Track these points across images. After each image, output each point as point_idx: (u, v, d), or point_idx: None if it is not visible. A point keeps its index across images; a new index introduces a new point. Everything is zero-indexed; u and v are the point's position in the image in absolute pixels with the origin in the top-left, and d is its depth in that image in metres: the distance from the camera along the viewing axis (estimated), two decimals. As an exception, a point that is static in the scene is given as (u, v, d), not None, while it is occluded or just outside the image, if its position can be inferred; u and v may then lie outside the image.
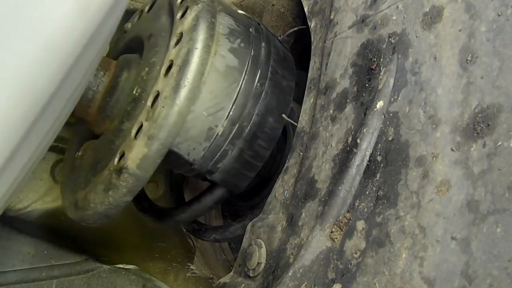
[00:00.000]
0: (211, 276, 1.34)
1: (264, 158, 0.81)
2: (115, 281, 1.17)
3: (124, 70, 0.81)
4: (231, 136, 0.76)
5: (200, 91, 0.71)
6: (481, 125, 0.49)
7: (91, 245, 1.20)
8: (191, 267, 1.34)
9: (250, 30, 0.82)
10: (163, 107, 0.67)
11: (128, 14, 0.96)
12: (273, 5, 1.15)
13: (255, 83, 0.77)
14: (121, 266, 1.22)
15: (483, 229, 0.46)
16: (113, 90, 0.79)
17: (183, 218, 0.93)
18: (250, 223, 0.82)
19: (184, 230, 1.32)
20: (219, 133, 0.75)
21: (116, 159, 0.70)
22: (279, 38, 0.91)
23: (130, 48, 0.87)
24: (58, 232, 1.16)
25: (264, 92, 0.78)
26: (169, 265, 1.32)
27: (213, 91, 0.73)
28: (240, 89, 0.76)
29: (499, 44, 0.50)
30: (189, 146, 0.75)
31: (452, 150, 0.51)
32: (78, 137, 0.93)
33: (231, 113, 0.75)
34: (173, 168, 0.87)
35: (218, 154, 0.77)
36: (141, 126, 0.69)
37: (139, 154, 0.67)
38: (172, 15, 0.79)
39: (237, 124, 0.76)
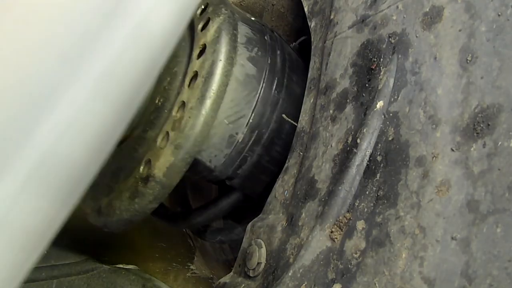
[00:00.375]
0: (211, 276, 1.34)
1: (280, 163, 0.83)
2: (115, 281, 1.17)
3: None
4: (250, 143, 0.78)
5: (223, 100, 0.73)
6: (481, 125, 0.49)
7: (91, 245, 1.20)
8: (191, 267, 1.34)
9: (266, 38, 0.84)
10: (189, 117, 0.69)
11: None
12: (273, 5, 1.15)
13: (273, 91, 0.80)
14: (121, 266, 1.22)
15: (483, 229, 0.46)
16: None
17: (199, 221, 0.95)
18: (250, 223, 0.82)
19: (187, 231, 1.33)
20: (240, 140, 0.77)
21: (142, 168, 0.72)
22: (291, 45, 0.92)
23: None
24: (58, 232, 1.16)
25: (281, 99, 0.81)
26: (169, 265, 1.32)
27: (233, 99, 0.75)
28: (259, 97, 0.78)
29: (499, 44, 0.50)
30: (211, 153, 0.77)
31: (452, 150, 0.51)
32: None
33: (250, 120, 0.77)
34: (192, 174, 0.88)
35: (238, 161, 0.79)
36: (167, 135, 0.71)
37: (166, 162, 0.69)
38: (191, 25, 0.81)
39: (256, 131, 0.78)
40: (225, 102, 0.74)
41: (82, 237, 1.17)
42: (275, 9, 1.14)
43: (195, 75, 0.72)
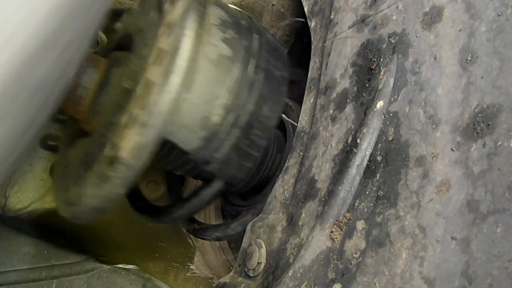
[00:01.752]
0: (211, 276, 1.34)
1: (260, 147, 0.81)
2: (115, 281, 1.17)
3: (114, 66, 0.80)
4: (227, 125, 0.76)
5: (194, 79, 0.71)
6: (481, 125, 0.49)
7: (91, 245, 1.20)
8: (191, 267, 1.34)
9: (242, 22, 0.83)
10: (154, 93, 0.67)
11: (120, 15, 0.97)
12: (273, 5, 1.15)
13: (249, 72, 0.78)
14: (121, 266, 1.22)
15: (483, 229, 0.46)
16: (104, 86, 0.79)
17: (181, 214, 0.92)
18: (250, 223, 0.82)
19: (185, 231, 1.32)
20: (215, 122, 0.75)
21: (107, 150, 0.69)
22: (270, 31, 0.91)
23: (120, 47, 0.87)
24: (58, 232, 1.16)
25: (257, 81, 0.79)
26: (169, 265, 1.32)
27: (207, 79, 0.73)
28: (234, 78, 0.76)
29: (499, 44, 0.50)
30: (184, 134, 0.74)
31: (452, 150, 0.51)
32: (69, 136, 0.93)
33: (225, 101, 0.75)
34: (169, 162, 0.86)
35: (214, 144, 0.76)
36: (132, 114, 0.68)
37: (131, 142, 0.66)
38: (159, 9, 0.79)
39: (232, 113, 0.76)
40: (198, 82, 0.72)
41: (82, 237, 1.17)
42: (275, 9, 1.14)
43: (161, 52, 0.70)
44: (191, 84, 0.71)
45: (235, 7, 0.89)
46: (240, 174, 0.83)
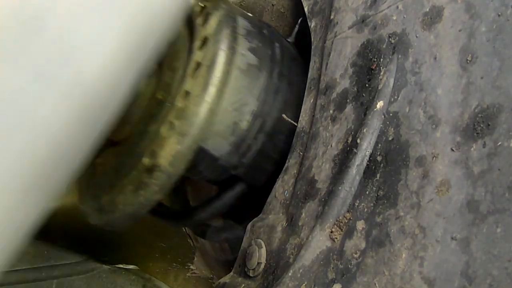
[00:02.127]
0: (211, 276, 1.34)
1: (282, 152, 0.84)
2: (115, 281, 1.17)
3: (142, 77, 0.83)
4: (254, 131, 0.80)
5: (226, 88, 0.75)
6: (481, 125, 0.49)
7: (91, 245, 1.20)
8: (191, 267, 1.34)
9: (264, 31, 0.87)
10: (193, 105, 0.70)
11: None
12: (273, 5, 1.15)
13: (274, 80, 0.82)
14: (121, 266, 1.22)
15: (483, 229, 0.46)
16: (134, 94, 0.81)
17: (203, 217, 0.94)
18: (250, 223, 0.82)
19: (187, 231, 1.32)
20: (244, 128, 0.79)
21: (146, 159, 0.72)
22: (288, 39, 0.94)
23: None
24: (58, 232, 1.16)
25: (281, 88, 0.83)
26: (169, 265, 1.32)
27: (236, 87, 0.77)
28: (260, 85, 0.80)
29: (499, 44, 0.50)
30: (216, 141, 0.78)
31: (452, 150, 0.51)
32: None
33: (254, 108, 0.79)
34: (195, 171, 0.88)
35: (243, 149, 0.80)
36: (171, 124, 0.72)
37: (171, 151, 0.70)
38: (188, 23, 0.83)
39: (260, 119, 0.80)
40: (229, 90, 0.76)
41: (82, 237, 1.17)
42: (275, 9, 1.14)
43: (198, 65, 0.74)
44: (224, 93, 0.75)
45: (253, 15, 0.92)
46: (263, 177, 0.86)
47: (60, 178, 0.44)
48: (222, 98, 0.74)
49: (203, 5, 0.84)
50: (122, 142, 0.84)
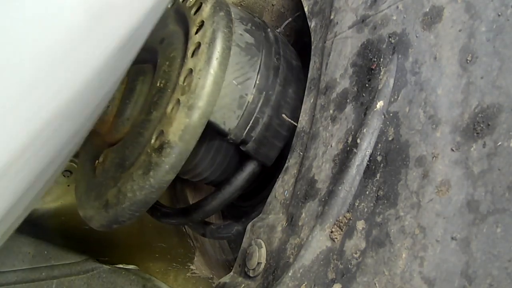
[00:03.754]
0: (211, 276, 1.34)
1: (289, 127, 0.86)
2: (115, 281, 1.18)
3: (140, 74, 0.86)
4: (260, 104, 0.82)
5: (229, 63, 0.77)
6: (481, 125, 0.49)
7: (91, 245, 1.20)
8: (191, 267, 1.35)
9: (255, 19, 0.91)
10: (199, 78, 0.71)
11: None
12: (273, 5, 1.15)
13: (272, 57, 0.86)
14: (121, 266, 1.22)
15: (483, 229, 0.46)
16: (130, 92, 0.83)
17: (214, 206, 0.93)
18: (250, 223, 0.82)
19: (187, 231, 1.32)
20: (250, 101, 0.81)
21: (154, 140, 0.72)
22: (277, 31, 0.97)
23: (139, 61, 0.89)
24: (58, 232, 1.16)
25: (280, 65, 0.86)
26: (169, 265, 1.32)
27: (238, 62, 0.81)
28: (261, 61, 0.84)
29: (499, 44, 0.50)
30: (224, 114, 0.79)
31: (452, 150, 0.51)
32: (90, 150, 0.93)
33: (257, 82, 0.82)
34: (197, 167, 0.88)
35: (251, 122, 0.82)
36: (178, 102, 0.72)
37: (180, 125, 0.70)
38: (180, 20, 0.86)
39: (264, 93, 0.83)
40: (231, 65, 0.78)
41: (82, 237, 1.17)
42: (275, 9, 1.15)
43: (198, 45, 0.76)
44: (227, 67, 0.76)
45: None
46: (273, 153, 0.87)
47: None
48: (226, 72, 0.75)
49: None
50: (120, 141, 0.83)
